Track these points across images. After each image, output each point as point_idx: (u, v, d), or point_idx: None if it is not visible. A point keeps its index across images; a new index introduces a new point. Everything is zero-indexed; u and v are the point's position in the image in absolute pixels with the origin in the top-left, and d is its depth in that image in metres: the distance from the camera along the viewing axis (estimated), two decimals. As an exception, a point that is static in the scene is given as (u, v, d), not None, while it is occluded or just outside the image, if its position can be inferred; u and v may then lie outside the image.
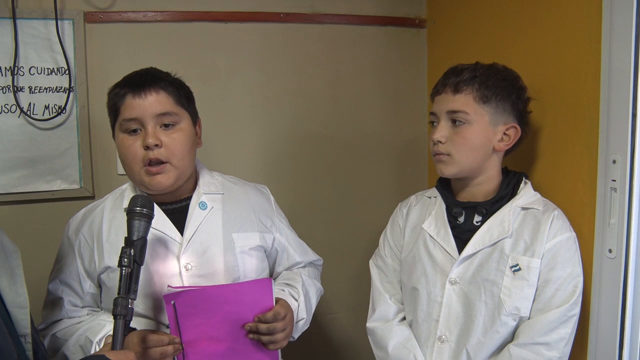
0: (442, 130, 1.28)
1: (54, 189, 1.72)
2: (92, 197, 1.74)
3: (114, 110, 1.24)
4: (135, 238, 1.06)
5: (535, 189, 1.32)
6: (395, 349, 1.33)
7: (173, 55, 1.77)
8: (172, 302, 1.10)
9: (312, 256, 1.47)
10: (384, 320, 1.39)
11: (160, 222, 1.23)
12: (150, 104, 1.20)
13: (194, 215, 1.26)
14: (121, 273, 1.02)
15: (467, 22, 1.75)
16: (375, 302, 1.42)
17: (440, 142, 1.28)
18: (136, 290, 1.03)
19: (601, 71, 1.20)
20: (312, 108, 1.94)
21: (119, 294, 1.01)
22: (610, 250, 1.19)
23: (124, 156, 1.24)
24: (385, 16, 1.97)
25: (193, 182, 1.32)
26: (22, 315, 0.96)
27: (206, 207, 1.28)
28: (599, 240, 1.22)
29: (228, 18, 1.83)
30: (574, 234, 1.25)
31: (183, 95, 1.27)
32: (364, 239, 1.95)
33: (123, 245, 1.06)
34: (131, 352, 0.99)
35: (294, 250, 1.42)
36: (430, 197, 1.42)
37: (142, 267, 1.14)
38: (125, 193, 1.30)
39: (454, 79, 1.27)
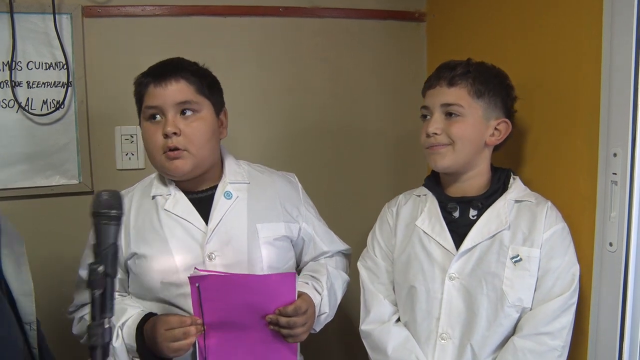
0: (437, 123, 1.28)
1: (53, 184, 1.71)
2: (91, 193, 1.73)
3: (139, 98, 1.28)
4: (103, 247, 0.90)
5: (536, 183, 1.33)
6: (395, 351, 1.29)
7: (172, 50, 1.73)
8: (197, 285, 1.11)
9: (340, 245, 1.47)
10: (380, 322, 1.35)
11: (186, 210, 1.27)
12: (171, 92, 1.22)
13: (219, 204, 1.28)
14: (92, 296, 0.87)
15: (467, 16, 1.74)
16: (368, 304, 1.39)
17: (435, 133, 1.28)
18: (112, 307, 0.89)
19: (602, 64, 1.19)
20: (311, 102, 1.93)
21: (93, 320, 0.87)
22: (610, 244, 1.18)
23: (146, 143, 1.26)
24: (384, 10, 1.96)
25: (219, 170, 1.34)
26: (27, 302, 0.96)
27: (231, 196, 1.30)
28: (600, 233, 1.21)
29: (227, 12, 1.82)
30: (566, 224, 1.26)
31: (205, 84, 1.28)
32: (363, 234, 1.94)
33: (90, 263, 0.89)
34: None
35: (321, 239, 1.42)
36: (419, 196, 1.40)
37: (167, 255, 1.18)
38: (154, 182, 1.33)
39: (448, 73, 1.28)
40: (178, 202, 1.27)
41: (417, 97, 2.01)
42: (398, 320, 1.37)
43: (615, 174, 1.16)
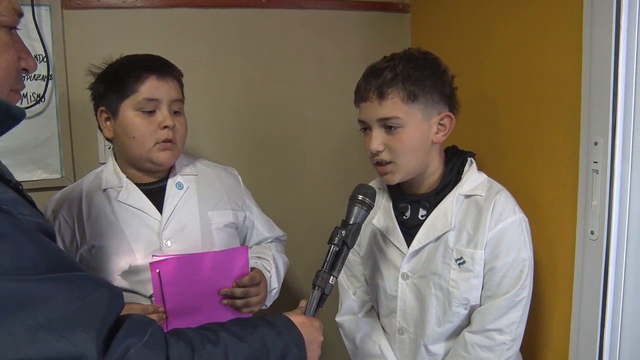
0: (377, 139, 1.20)
1: (35, 178, 1.69)
2: (73, 187, 1.71)
3: (129, 88, 1.27)
4: (351, 222, 1.12)
5: (518, 172, 1.33)
6: (362, 341, 1.36)
7: (153, 42, 1.73)
8: (158, 271, 1.16)
9: (278, 232, 1.57)
10: (351, 313, 1.41)
11: (140, 201, 1.32)
12: (170, 89, 1.31)
13: (172, 194, 1.35)
14: (329, 250, 1.08)
15: (451, 7, 1.75)
16: (341, 298, 1.43)
17: (379, 151, 1.20)
18: (340, 270, 1.09)
19: (582, 54, 1.20)
20: (295, 94, 1.93)
21: (322, 267, 1.07)
22: (592, 232, 1.20)
23: (135, 132, 1.27)
24: (369, 1, 1.95)
25: None
26: None
27: (182, 187, 1.37)
28: (581, 222, 1.23)
29: (209, 4, 1.80)
30: (519, 215, 1.20)
31: (183, 85, 1.39)
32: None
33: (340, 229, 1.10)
34: (317, 320, 1.03)
35: (262, 226, 1.52)
36: (380, 188, 1.34)
37: (124, 244, 1.25)
38: (102, 175, 1.37)
39: (375, 82, 1.19)
40: (131, 194, 1.32)
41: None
42: (371, 308, 1.41)
43: (596, 162, 1.18)
